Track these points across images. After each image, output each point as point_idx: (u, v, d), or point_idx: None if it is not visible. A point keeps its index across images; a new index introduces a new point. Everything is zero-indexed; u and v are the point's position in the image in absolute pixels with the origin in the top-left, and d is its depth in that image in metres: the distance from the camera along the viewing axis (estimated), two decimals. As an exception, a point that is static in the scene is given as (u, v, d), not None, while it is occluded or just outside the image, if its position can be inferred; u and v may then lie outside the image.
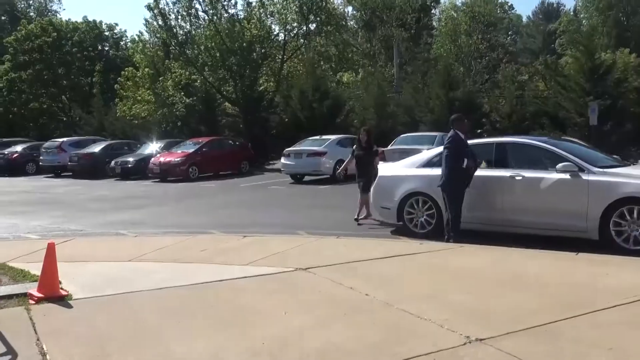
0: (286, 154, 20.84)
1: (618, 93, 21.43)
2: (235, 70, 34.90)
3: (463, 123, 8.99)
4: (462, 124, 8.97)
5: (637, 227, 7.64)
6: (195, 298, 5.98)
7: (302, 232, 10.26)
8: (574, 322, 4.83)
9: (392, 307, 5.42)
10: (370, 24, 49.31)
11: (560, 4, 76.23)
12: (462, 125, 8.95)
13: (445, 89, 25.55)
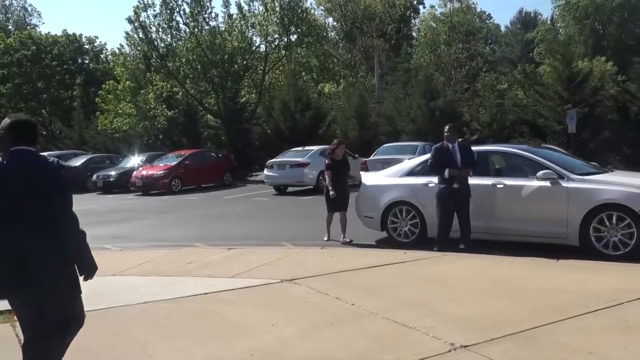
0: (269, 165, 20.85)
1: (595, 101, 21.74)
2: (217, 82, 34.92)
3: (449, 133, 8.91)
4: (449, 134, 8.91)
5: (615, 233, 7.77)
6: (181, 311, 5.99)
7: (286, 244, 10.29)
8: (556, 328, 4.92)
9: (378, 316, 5.47)
10: (350, 35, 49.66)
11: (538, 13, 77.25)
12: (449, 135, 8.90)
13: (426, 98, 25.77)
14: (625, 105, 20.93)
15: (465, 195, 8.62)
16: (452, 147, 8.80)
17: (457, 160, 8.71)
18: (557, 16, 67.73)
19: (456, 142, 8.90)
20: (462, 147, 8.97)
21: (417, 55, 50.26)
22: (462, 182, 8.61)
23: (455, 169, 8.62)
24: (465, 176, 8.65)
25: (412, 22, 55.64)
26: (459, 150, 8.79)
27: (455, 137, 8.97)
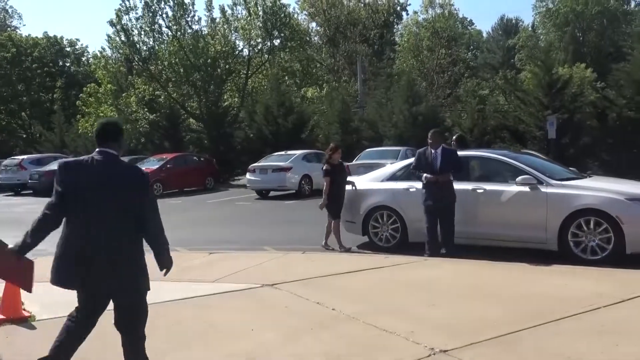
0: (251, 169, 20.82)
1: (575, 107, 21.96)
2: (200, 86, 34.86)
3: (432, 139, 8.87)
4: (432, 140, 8.87)
5: (593, 238, 7.87)
6: (162, 316, 5.95)
7: (268, 248, 10.28)
8: (534, 332, 4.97)
9: (359, 320, 5.49)
10: (334, 40, 49.79)
11: (519, 20, 78.00)
12: (432, 141, 8.85)
13: (409, 103, 25.90)
14: (604, 112, 21.19)
15: (447, 200, 8.60)
16: (434, 152, 8.77)
17: (435, 166, 8.68)
18: (538, 23, 68.53)
19: (440, 147, 8.81)
20: (446, 152, 8.86)
21: (399, 61, 50.50)
22: (443, 187, 8.58)
23: (432, 174, 8.64)
24: (444, 181, 8.61)
25: (395, 27, 55.95)
26: (441, 155, 8.72)
27: (439, 143, 8.87)
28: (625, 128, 20.07)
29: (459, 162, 8.88)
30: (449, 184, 8.65)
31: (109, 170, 3.79)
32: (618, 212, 7.70)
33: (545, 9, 65.69)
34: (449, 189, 8.65)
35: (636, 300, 5.78)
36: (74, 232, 3.74)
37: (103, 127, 3.96)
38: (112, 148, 3.88)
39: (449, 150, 9.04)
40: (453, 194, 8.65)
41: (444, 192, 8.59)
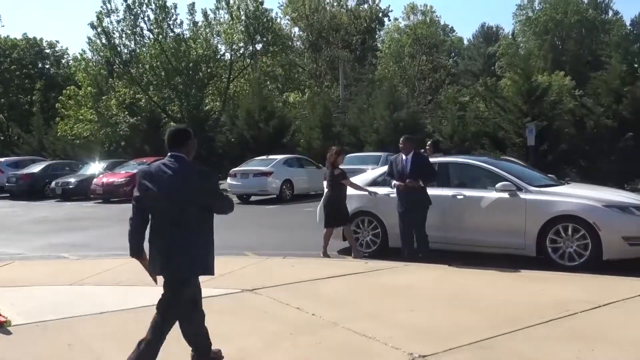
0: (232, 174, 20.74)
1: (554, 115, 22.23)
2: (181, 90, 34.74)
3: (403, 144, 8.85)
4: (403, 145, 8.85)
5: (571, 244, 7.96)
6: (140, 322, 5.88)
7: (248, 253, 10.24)
8: (511, 337, 5.01)
9: (338, 326, 5.49)
10: (316, 45, 49.93)
11: (500, 28, 78.84)
12: (403, 146, 8.84)
13: (390, 109, 26.04)
14: (582, 120, 21.48)
15: (418, 206, 8.55)
16: (405, 158, 8.73)
17: (405, 172, 8.62)
18: (518, 31, 69.39)
19: (411, 153, 8.74)
20: (417, 158, 8.78)
21: (381, 67, 50.79)
22: (413, 194, 8.53)
23: (401, 180, 8.61)
24: (412, 187, 8.53)
25: (377, 33, 56.24)
26: (412, 161, 8.66)
27: (410, 149, 8.78)
28: (603, 136, 20.36)
29: (430, 168, 8.86)
30: (421, 190, 8.58)
31: (179, 172, 4.24)
32: (595, 219, 7.80)
33: (525, 17, 66.61)
34: (420, 195, 8.58)
35: (612, 305, 5.84)
36: (154, 228, 4.29)
37: (172, 133, 4.46)
38: (180, 152, 4.35)
39: (420, 156, 8.97)
40: (425, 200, 8.60)
41: (415, 199, 8.54)
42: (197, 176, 4.32)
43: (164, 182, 4.21)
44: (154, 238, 4.29)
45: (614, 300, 5.99)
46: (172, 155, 4.33)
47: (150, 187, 4.24)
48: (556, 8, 62.76)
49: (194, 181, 4.28)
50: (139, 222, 4.33)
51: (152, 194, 4.23)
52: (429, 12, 56.21)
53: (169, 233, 4.20)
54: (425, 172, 8.70)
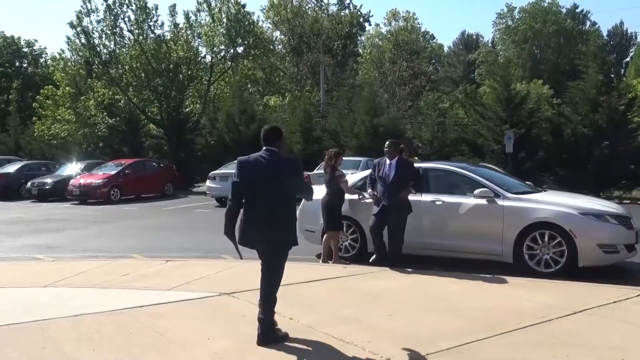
0: (212, 176, 20.64)
1: (532, 122, 22.44)
2: (161, 91, 34.51)
3: (388, 148, 8.70)
4: (388, 149, 8.70)
5: (547, 251, 8.04)
6: (115, 325, 5.83)
7: (226, 256, 10.17)
8: (489, 343, 5.04)
9: (316, 330, 5.47)
10: (297, 49, 49.93)
11: (480, 36, 79.74)
12: (388, 151, 8.69)
13: (370, 115, 26.08)
14: (559, 128, 21.71)
15: (395, 212, 8.41)
16: (389, 163, 8.57)
17: (389, 177, 8.47)
18: (498, 39, 70.19)
19: (395, 158, 8.58)
20: (402, 163, 8.62)
21: (362, 72, 50.91)
22: (391, 200, 8.37)
23: (383, 185, 8.50)
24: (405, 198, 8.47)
25: (358, 39, 56.41)
26: (397, 167, 8.48)
27: (396, 153, 8.60)
28: (579, 144, 20.61)
29: (416, 173, 8.74)
30: (398, 196, 8.42)
31: (273, 163, 5.12)
32: (571, 226, 7.89)
33: (505, 26, 67.39)
34: (400, 201, 8.43)
35: (588, 312, 5.91)
36: (250, 208, 5.12)
37: (267, 131, 5.33)
38: (274, 146, 5.22)
39: (405, 162, 8.81)
40: (406, 205, 8.48)
41: (393, 205, 8.38)
42: (287, 165, 5.25)
43: (262, 170, 5.10)
44: (250, 217, 5.12)
45: (589, 307, 6.05)
46: (267, 149, 5.22)
47: (250, 174, 5.14)
48: (535, 17, 63.61)
49: (285, 170, 5.16)
50: (235, 206, 5.18)
51: (251, 180, 5.12)
52: (411, 18, 56.55)
53: (266, 213, 5.06)
54: (413, 178, 8.57)
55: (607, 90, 21.18)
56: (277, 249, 5.20)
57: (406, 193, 8.47)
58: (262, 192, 5.08)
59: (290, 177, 5.16)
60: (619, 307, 6.09)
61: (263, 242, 5.17)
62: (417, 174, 8.77)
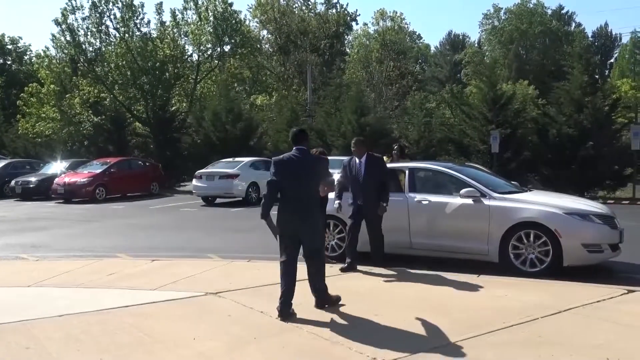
0: (198, 175, 20.57)
1: (517, 123, 22.56)
2: (147, 90, 34.31)
3: (355, 147, 8.52)
4: (355, 148, 8.53)
5: (533, 251, 8.09)
6: (100, 324, 5.79)
7: (213, 256, 10.15)
8: (474, 342, 5.06)
9: (302, 330, 5.47)
10: (284, 48, 49.84)
11: (466, 36, 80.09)
12: (355, 150, 8.53)
13: (357, 114, 26.09)
14: (544, 128, 21.84)
15: (372, 213, 8.35)
16: (359, 161, 8.46)
17: (360, 176, 8.40)
18: (484, 40, 70.57)
19: (364, 156, 8.47)
20: (371, 160, 8.51)
21: (349, 71, 50.94)
22: (366, 202, 8.32)
23: (357, 185, 8.42)
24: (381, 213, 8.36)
25: (345, 38, 56.43)
26: (366, 164, 8.40)
27: (363, 151, 8.48)
28: (565, 144, 20.75)
29: (384, 170, 8.65)
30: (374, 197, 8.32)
31: (304, 160, 6.10)
32: (556, 226, 7.94)
33: (491, 26, 67.76)
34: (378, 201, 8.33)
35: (572, 311, 5.95)
36: (287, 201, 6.02)
37: (297, 132, 6.33)
38: (303, 146, 6.21)
39: (374, 158, 8.63)
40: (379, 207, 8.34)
41: (369, 205, 8.31)
42: (316, 161, 6.36)
43: (297, 166, 6.04)
44: (286, 207, 6.02)
45: (574, 306, 6.10)
46: (297, 148, 6.16)
47: (286, 170, 6.01)
48: (521, 18, 64.01)
49: (315, 165, 6.24)
50: (272, 197, 6.01)
51: (287, 175, 5.99)
52: (398, 18, 56.72)
53: (300, 202, 5.99)
54: (381, 176, 8.46)
55: (592, 91, 21.35)
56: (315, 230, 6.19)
57: (382, 210, 8.33)
58: (297, 184, 6.00)
59: (319, 170, 6.28)
60: (603, 306, 6.14)
61: (300, 227, 6.02)
62: (385, 170, 8.67)
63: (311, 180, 6.13)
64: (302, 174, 6.03)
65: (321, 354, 4.88)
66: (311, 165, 6.15)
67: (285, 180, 6.01)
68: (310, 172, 6.11)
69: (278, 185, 6.01)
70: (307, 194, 6.06)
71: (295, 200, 5.99)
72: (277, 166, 6.06)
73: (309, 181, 6.09)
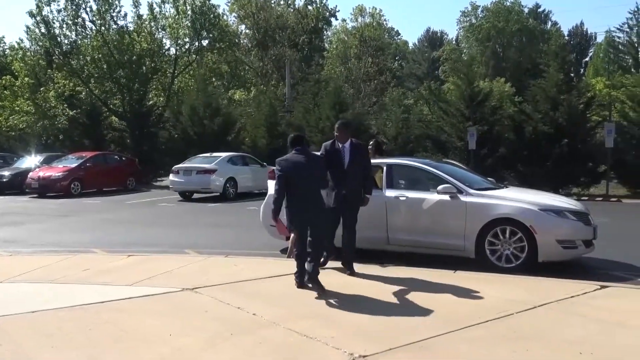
0: (175, 170, 20.42)
1: (494, 120, 22.75)
2: (124, 84, 33.93)
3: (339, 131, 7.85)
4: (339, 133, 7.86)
5: (508, 247, 8.17)
6: (75, 321, 5.72)
7: (190, 251, 10.09)
8: (450, 337, 5.09)
9: (280, 326, 5.46)
10: (263, 43, 49.67)
11: (444, 33, 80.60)
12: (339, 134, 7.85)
13: (335, 110, 26.10)
14: (521, 125, 22.07)
15: (354, 202, 7.80)
16: (342, 146, 7.77)
17: (343, 162, 7.72)
18: (462, 37, 70.99)
19: (348, 141, 7.79)
20: (356, 146, 7.87)
21: (328, 67, 50.94)
22: (351, 190, 7.68)
23: (339, 173, 7.68)
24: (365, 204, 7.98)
25: (324, 34, 56.42)
26: (350, 151, 7.74)
27: (347, 136, 7.80)
28: (540, 141, 20.99)
29: (369, 158, 8.25)
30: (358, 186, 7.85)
31: (305, 159, 6.88)
32: (532, 222, 8.03)
33: (469, 24, 68.18)
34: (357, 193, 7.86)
35: (547, 306, 6.02)
36: (295, 197, 6.75)
37: (295, 137, 7.14)
38: (302, 146, 6.98)
39: (359, 146, 7.98)
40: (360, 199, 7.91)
41: (352, 195, 7.76)
42: (317, 160, 7.19)
43: (303, 165, 6.80)
44: (296, 200, 6.75)
45: (549, 301, 6.17)
46: (297, 149, 6.93)
47: (293, 169, 6.74)
48: (498, 16, 64.49)
49: (317, 163, 7.08)
50: (282, 196, 6.73)
51: (295, 173, 6.71)
52: (377, 14, 56.86)
53: (308, 194, 6.77)
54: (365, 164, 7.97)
55: (567, 89, 21.62)
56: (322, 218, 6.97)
57: (365, 202, 7.98)
58: (304, 180, 6.73)
59: (319, 167, 7.10)
60: (577, 302, 6.22)
61: (310, 218, 6.79)
62: (369, 161, 8.23)
63: (315, 175, 6.93)
64: (309, 170, 6.83)
65: (298, 350, 4.88)
66: (314, 163, 6.99)
67: (292, 179, 6.71)
68: (315, 168, 6.95)
69: (287, 183, 6.71)
70: (315, 188, 6.89)
71: (305, 196, 6.77)
72: (284, 165, 6.80)
73: (314, 176, 6.91)
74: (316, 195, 6.88)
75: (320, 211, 6.91)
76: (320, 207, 6.92)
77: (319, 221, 6.89)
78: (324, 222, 7.06)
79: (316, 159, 7.12)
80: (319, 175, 7.04)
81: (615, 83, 42.02)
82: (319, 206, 6.90)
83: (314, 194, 6.85)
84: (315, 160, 7.06)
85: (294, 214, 6.78)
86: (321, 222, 6.96)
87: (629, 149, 20.51)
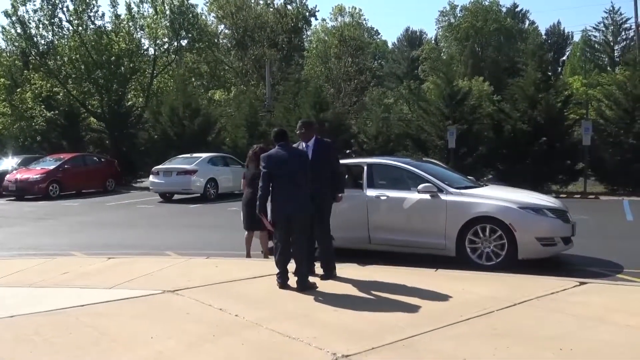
0: (155, 172, 20.28)
1: (473, 118, 22.91)
2: (102, 84, 33.59)
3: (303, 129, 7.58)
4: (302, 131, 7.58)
5: (489, 244, 8.24)
6: (53, 325, 5.65)
7: (170, 253, 10.03)
8: (432, 335, 5.11)
9: (262, 327, 5.44)
10: (242, 43, 49.49)
11: (423, 33, 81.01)
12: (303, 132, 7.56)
13: (316, 109, 26.10)
14: (500, 124, 22.27)
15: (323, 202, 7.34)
16: (305, 145, 7.44)
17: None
18: (441, 36, 71.44)
19: (312, 139, 7.46)
20: (320, 144, 7.51)
21: (308, 67, 50.94)
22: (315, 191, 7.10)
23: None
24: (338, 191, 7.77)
25: (304, 33, 56.39)
26: (314, 149, 7.38)
27: (311, 135, 7.48)
28: (519, 140, 21.19)
29: (336, 156, 7.88)
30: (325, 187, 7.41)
31: (288, 154, 6.91)
32: (511, 220, 8.11)
33: (448, 23, 68.63)
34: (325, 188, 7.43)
35: (527, 303, 6.07)
36: (278, 191, 6.84)
37: (279, 132, 7.15)
38: (285, 142, 7.01)
39: (323, 143, 7.60)
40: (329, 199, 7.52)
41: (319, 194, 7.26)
42: (301, 154, 7.11)
43: (285, 159, 6.84)
44: (279, 195, 6.82)
45: (529, 298, 6.23)
46: (280, 145, 6.97)
47: (276, 163, 6.81)
48: (476, 16, 64.96)
49: (300, 157, 7.02)
50: (267, 192, 6.84)
51: (278, 166, 6.79)
52: (357, 14, 56.96)
53: (291, 189, 6.79)
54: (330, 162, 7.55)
55: (545, 88, 21.85)
56: (306, 213, 6.93)
57: (338, 199, 7.76)
58: (288, 174, 6.80)
59: (304, 161, 7.01)
60: (557, 298, 6.28)
61: (295, 210, 6.81)
62: (337, 159, 7.93)
63: (299, 169, 6.87)
64: (292, 164, 6.84)
65: (280, 350, 4.87)
66: (297, 157, 6.98)
67: (276, 173, 6.79)
68: (298, 162, 6.90)
69: (271, 177, 6.81)
70: (300, 182, 6.82)
71: (288, 187, 6.80)
72: (267, 161, 6.87)
73: (297, 170, 6.85)
74: (300, 190, 6.82)
75: (302, 207, 6.83)
76: (303, 203, 6.83)
77: (301, 217, 6.85)
78: (308, 219, 6.97)
79: (300, 154, 7.07)
80: (303, 170, 6.90)
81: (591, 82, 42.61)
82: (301, 201, 6.83)
83: (298, 189, 6.80)
84: (298, 155, 7.03)
85: (276, 208, 6.83)
86: (304, 218, 6.91)
87: (605, 147, 20.78)
